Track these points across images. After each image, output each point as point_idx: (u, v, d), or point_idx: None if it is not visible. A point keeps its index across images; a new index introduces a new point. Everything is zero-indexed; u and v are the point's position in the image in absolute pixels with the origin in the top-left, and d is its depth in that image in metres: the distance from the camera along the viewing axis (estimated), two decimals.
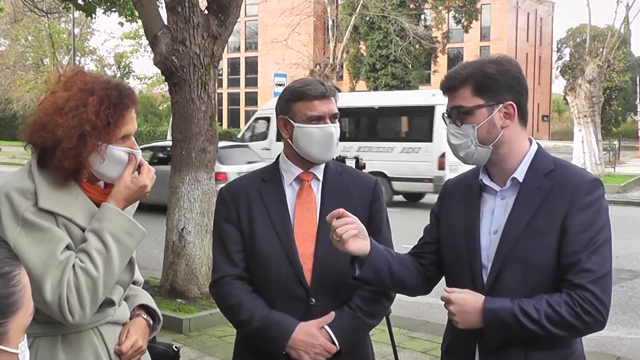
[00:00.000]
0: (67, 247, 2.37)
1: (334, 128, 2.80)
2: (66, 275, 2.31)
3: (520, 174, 2.46)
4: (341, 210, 2.55)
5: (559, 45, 77.57)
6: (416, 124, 19.51)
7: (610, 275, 2.34)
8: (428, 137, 18.28)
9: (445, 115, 2.55)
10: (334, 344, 2.70)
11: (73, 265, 2.33)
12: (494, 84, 2.42)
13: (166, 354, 2.84)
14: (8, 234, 2.32)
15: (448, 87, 2.51)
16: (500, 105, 2.42)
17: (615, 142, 34.06)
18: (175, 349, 2.86)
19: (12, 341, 1.28)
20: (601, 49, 25.53)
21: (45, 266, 2.29)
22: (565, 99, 28.52)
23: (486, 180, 2.55)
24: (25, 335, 1.34)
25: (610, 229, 2.39)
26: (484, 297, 2.37)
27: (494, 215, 2.50)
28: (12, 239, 2.30)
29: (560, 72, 51.90)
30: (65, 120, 2.37)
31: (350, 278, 2.62)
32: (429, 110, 17.95)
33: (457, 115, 2.47)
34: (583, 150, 24.15)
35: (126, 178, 2.49)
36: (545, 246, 2.34)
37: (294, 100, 2.82)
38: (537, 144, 2.54)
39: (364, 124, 20.69)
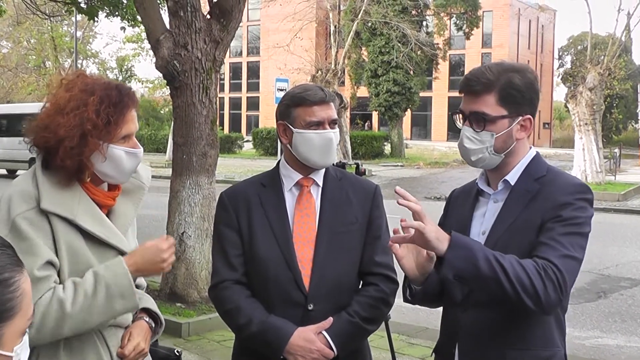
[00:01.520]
0: (52, 263, 2.36)
1: (334, 134, 2.81)
2: (39, 294, 2.30)
3: (512, 178, 2.52)
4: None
5: (560, 53, 77.59)
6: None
7: (578, 263, 2.33)
8: None
9: (459, 116, 2.56)
10: (332, 349, 2.71)
11: (54, 290, 2.33)
12: (519, 97, 2.46)
13: (168, 358, 2.86)
14: None
15: (471, 90, 2.50)
16: (520, 118, 2.48)
17: (616, 150, 33.99)
18: (177, 353, 2.88)
19: (8, 345, 1.29)
20: (602, 57, 25.51)
21: None
22: (566, 106, 28.51)
23: (481, 185, 2.61)
24: (26, 337, 1.35)
25: (588, 230, 2.39)
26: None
27: (485, 217, 2.56)
28: None
29: (561, 79, 51.89)
30: (66, 119, 2.40)
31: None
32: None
33: (478, 120, 2.48)
34: (584, 158, 24.11)
35: (153, 249, 2.53)
36: (524, 241, 2.38)
37: (294, 106, 2.83)
38: (536, 151, 2.58)
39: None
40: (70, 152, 2.38)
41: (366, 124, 63.38)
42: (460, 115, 2.57)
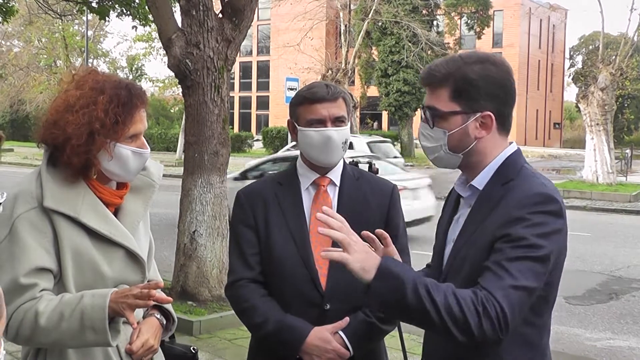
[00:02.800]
0: (44, 269, 2.36)
1: (335, 131, 2.78)
2: (21, 300, 2.32)
3: (480, 182, 2.25)
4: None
5: (572, 53, 77.38)
6: None
7: (528, 293, 2.01)
8: None
9: (421, 111, 2.36)
10: (348, 349, 2.69)
11: (38, 300, 2.33)
12: (474, 91, 2.19)
13: (184, 355, 2.84)
14: None
15: (427, 83, 2.29)
16: (477, 115, 2.19)
17: (628, 151, 33.90)
18: (193, 351, 2.86)
19: None
20: (614, 57, 25.40)
21: (7, 284, 2.32)
22: (577, 106, 28.46)
23: (457, 186, 2.37)
24: (2, 339, 1.35)
25: (545, 251, 2.03)
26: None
27: (458, 223, 2.33)
28: None
29: (572, 79, 51.73)
30: (75, 117, 2.40)
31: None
32: None
33: (431, 116, 2.26)
34: (595, 159, 24.02)
35: (136, 292, 2.34)
36: (477, 259, 2.11)
37: (298, 104, 2.85)
38: (516, 150, 2.28)
39: None
40: (77, 150, 2.39)
41: (374, 123, 63.36)
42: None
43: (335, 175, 2.90)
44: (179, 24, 7.73)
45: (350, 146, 17.39)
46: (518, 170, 2.21)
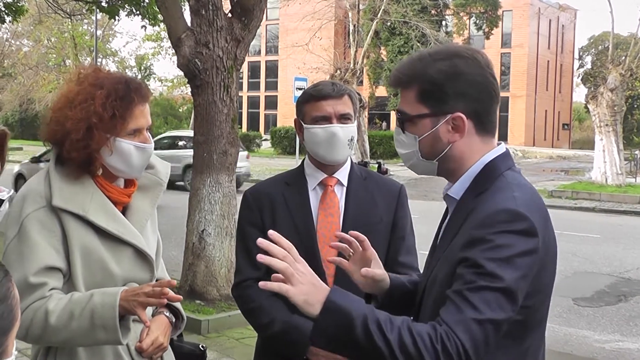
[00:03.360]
0: (53, 268, 2.37)
1: (340, 128, 2.78)
2: (31, 300, 2.33)
3: (456, 191, 2.02)
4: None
5: (581, 53, 77.12)
6: None
7: (494, 326, 1.76)
8: None
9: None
10: None
11: (47, 299, 2.34)
12: (439, 92, 1.95)
13: (193, 354, 2.85)
14: (9, 234, 2.39)
15: (394, 85, 2.08)
16: (447, 117, 1.95)
17: (637, 152, 33.69)
18: (202, 348, 2.87)
19: (9, 352, 1.29)
20: (624, 57, 25.32)
21: (17, 283, 2.32)
22: (586, 107, 28.39)
23: (444, 192, 2.11)
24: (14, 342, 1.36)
25: (510, 280, 1.77)
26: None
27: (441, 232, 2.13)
28: (7, 242, 2.37)
29: (581, 80, 51.64)
30: (74, 113, 2.42)
31: None
32: None
33: (400, 120, 2.05)
34: (604, 160, 23.95)
35: (148, 290, 2.35)
36: (445, 281, 1.89)
37: (304, 102, 2.85)
38: (500, 153, 2.02)
39: None
40: (77, 145, 2.40)
41: (383, 124, 63.35)
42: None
43: (343, 175, 2.90)
44: (189, 24, 7.75)
45: None
46: (495, 178, 1.95)
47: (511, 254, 1.78)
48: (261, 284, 1.81)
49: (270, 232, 1.89)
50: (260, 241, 1.84)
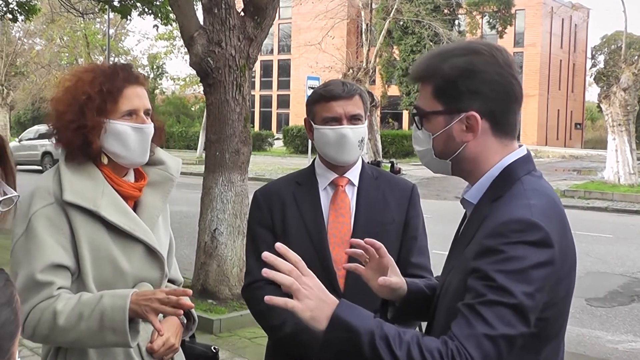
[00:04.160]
0: (60, 265, 2.37)
1: (351, 129, 2.75)
2: (38, 298, 2.33)
3: (473, 195, 1.95)
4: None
5: (594, 52, 76.68)
6: None
7: (503, 342, 1.70)
8: None
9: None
10: None
11: (56, 299, 2.34)
12: (453, 88, 1.88)
13: (205, 355, 2.83)
14: (16, 231, 2.39)
15: (412, 79, 2.04)
16: (462, 115, 1.88)
17: None
18: (214, 350, 2.85)
19: (14, 357, 1.29)
20: (637, 57, 25.18)
21: (24, 280, 2.34)
22: (598, 106, 28.20)
23: (463, 194, 2.03)
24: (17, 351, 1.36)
25: (522, 295, 1.70)
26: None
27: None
28: (14, 239, 2.38)
29: (594, 79, 51.30)
30: (65, 95, 2.48)
31: None
32: None
33: (416, 116, 2.01)
34: (617, 160, 23.83)
35: (161, 296, 2.31)
36: (458, 290, 1.84)
37: (314, 102, 2.83)
38: (520, 157, 1.93)
39: None
40: (70, 126, 2.42)
41: (395, 123, 63.23)
42: None
43: (354, 175, 2.88)
44: (201, 22, 7.76)
45: None
46: (512, 183, 1.87)
47: (524, 267, 1.71)
48: (266, 298, 1.79)
49: (278, 244, 1.85)
50: (266, 255, 1.81)
